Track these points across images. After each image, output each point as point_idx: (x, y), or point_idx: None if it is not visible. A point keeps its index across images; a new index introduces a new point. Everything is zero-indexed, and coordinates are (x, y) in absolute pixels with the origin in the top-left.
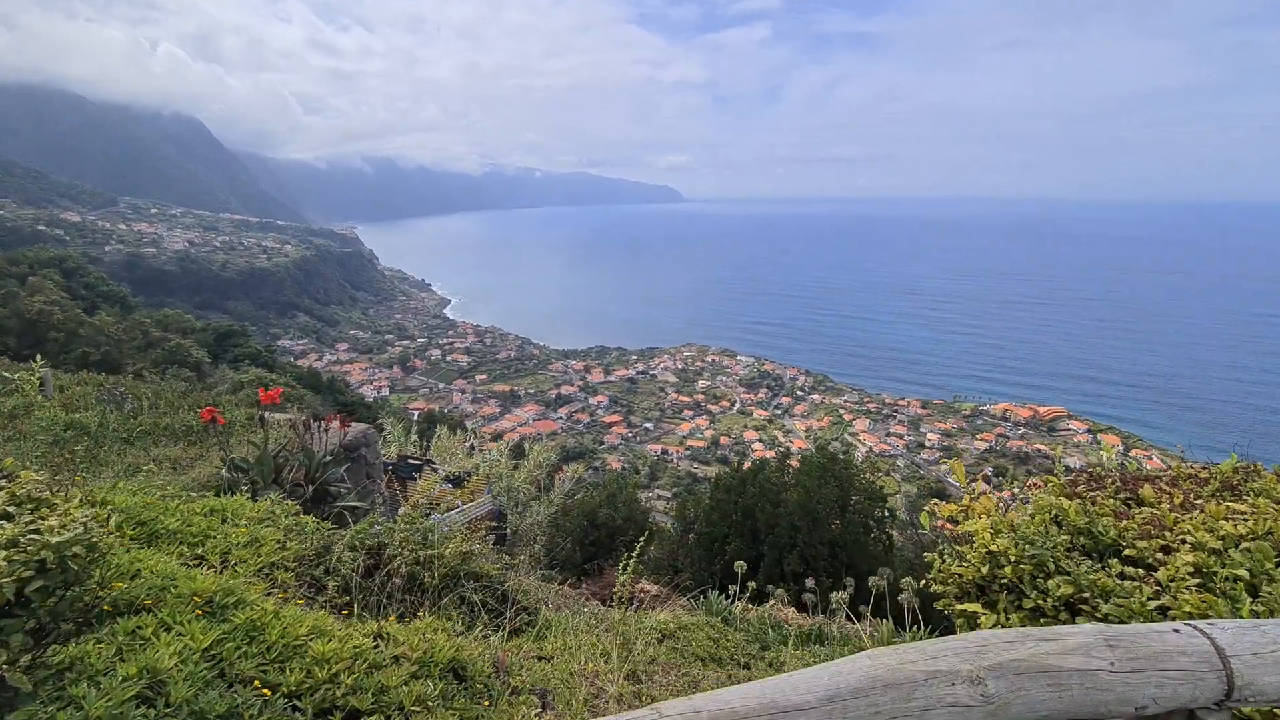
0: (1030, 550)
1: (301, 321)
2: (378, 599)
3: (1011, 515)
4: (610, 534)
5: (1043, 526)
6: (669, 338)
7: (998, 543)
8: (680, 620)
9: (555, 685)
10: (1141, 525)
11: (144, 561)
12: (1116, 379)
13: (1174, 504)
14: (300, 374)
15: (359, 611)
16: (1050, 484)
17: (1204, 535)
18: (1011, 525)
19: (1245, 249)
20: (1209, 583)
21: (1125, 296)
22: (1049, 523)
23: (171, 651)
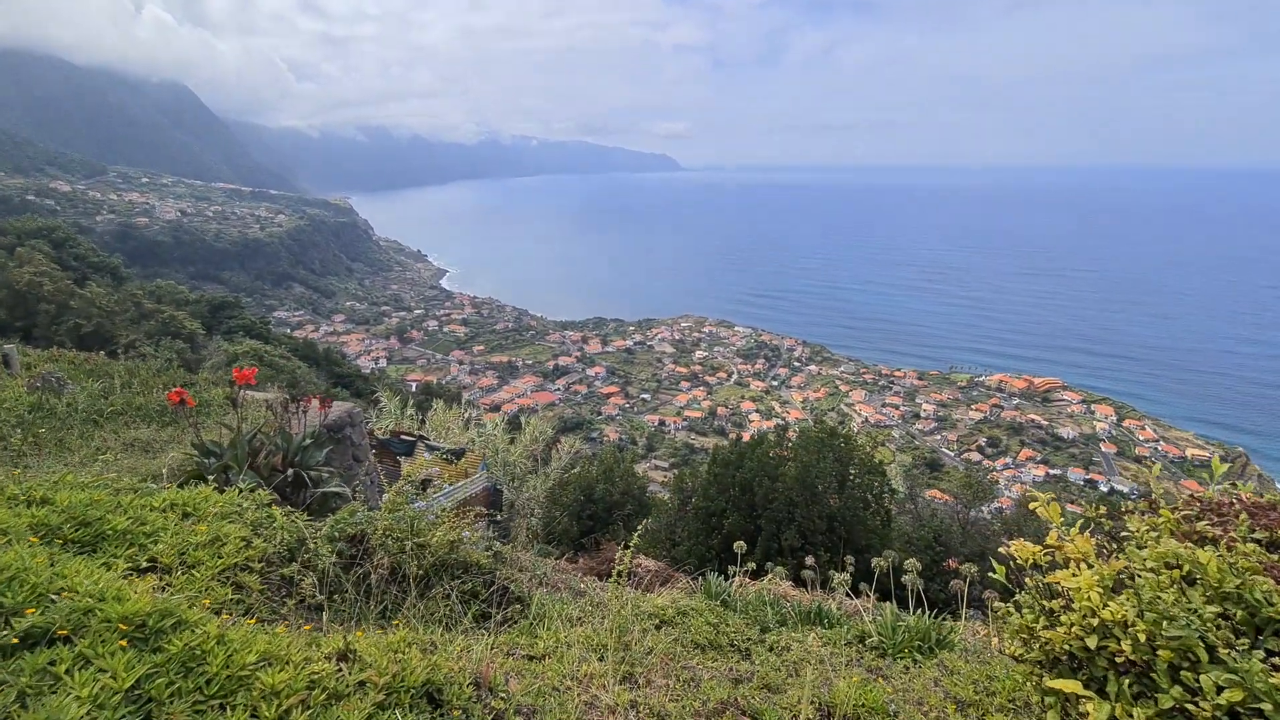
0: (1171, 630)
1: (297, 293)
2: (357, 596)
3: (1118, 563)
4: (607, 508)
5: (1175, 589)
6: (666, 308)
7: (1112, 608)
8: (679, 604)
9: (545, 694)
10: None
11: (71, 576)
12: (1112, 351)
13: None
14: (296, 346)
15: (335, 614)
16: (1164, 519)
17: None
18: (1128, 583)
19: (1251, 217)
20: None
21: (1123, 267)
22: (1180, 582)
23: (86, 695)
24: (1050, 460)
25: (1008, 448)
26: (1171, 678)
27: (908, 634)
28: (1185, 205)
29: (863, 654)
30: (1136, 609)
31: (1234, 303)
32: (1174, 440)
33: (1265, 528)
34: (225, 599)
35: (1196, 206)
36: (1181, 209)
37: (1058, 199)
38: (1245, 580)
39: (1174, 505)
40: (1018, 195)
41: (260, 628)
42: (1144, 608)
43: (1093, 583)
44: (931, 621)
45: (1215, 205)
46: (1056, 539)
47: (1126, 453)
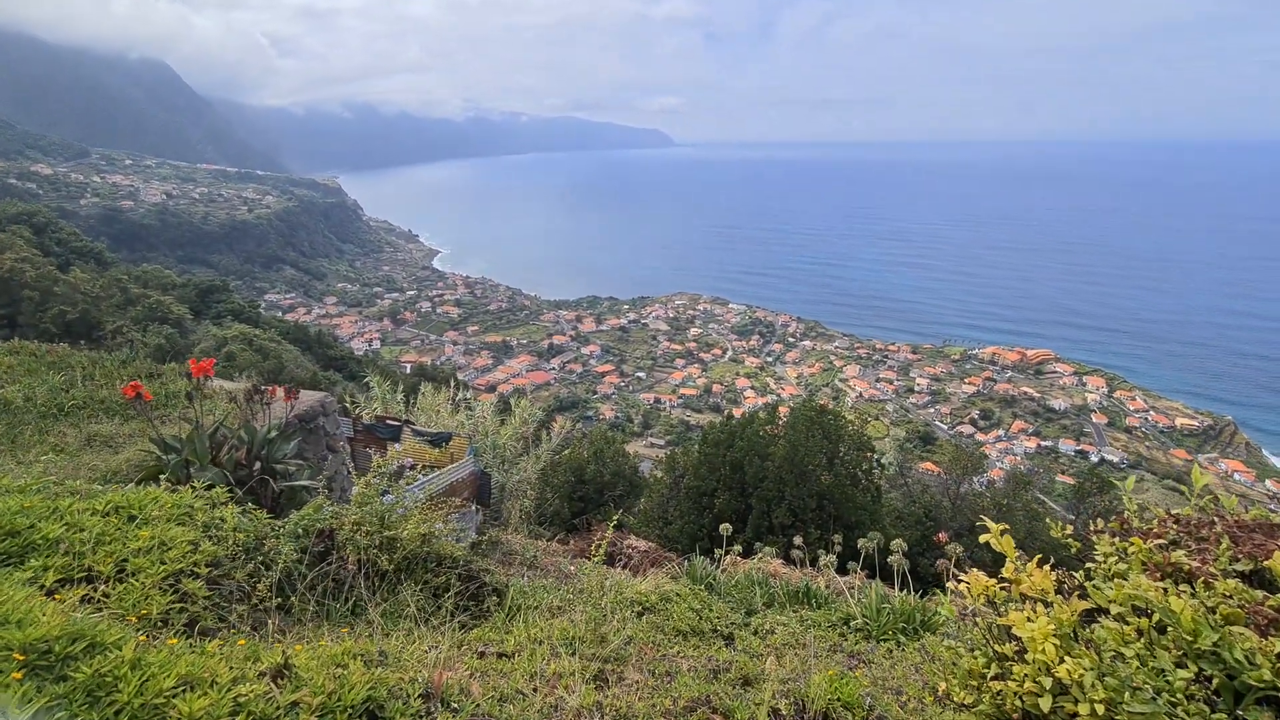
0: (1135, 704)
1: (288, 275)
2: (324, 595)
3: (1080, 604)
4: (598, 489)
5: (1141, 646)
6: (660, 286)
7: (1069, 666)
8: (663, 590)
9: (508, 699)
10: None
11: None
12: (1103, 323)
13: None
14: (287, 329)
15: (296, 617)
16: (1135, 548)
17: None
18: (1089, 640)
19: (1244, 188)
20: None
21: (1115, 240)
22: (1150, 632)
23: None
24: (1042, 432)
25: (1000, 420)
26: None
27: (892, 616)
28: (1177, 178)
29: (846, 636)
30: (1096, 670)
31: (1222, 274)
32: (1164, 410)
33: (1249, 555)
34: (166, 609)
35: (1189, 179)
36: (1173, 182)
37: (1051, 173)
38: (1224, 635)
39: (1148, 527)
40: (1012, 170)
41: (188, 646)
42: (1104, 670)
43: (1048, 632)
44: (916, 602)
45: (1207, 177)
46: (1013, 572)
47: (1117, 424)
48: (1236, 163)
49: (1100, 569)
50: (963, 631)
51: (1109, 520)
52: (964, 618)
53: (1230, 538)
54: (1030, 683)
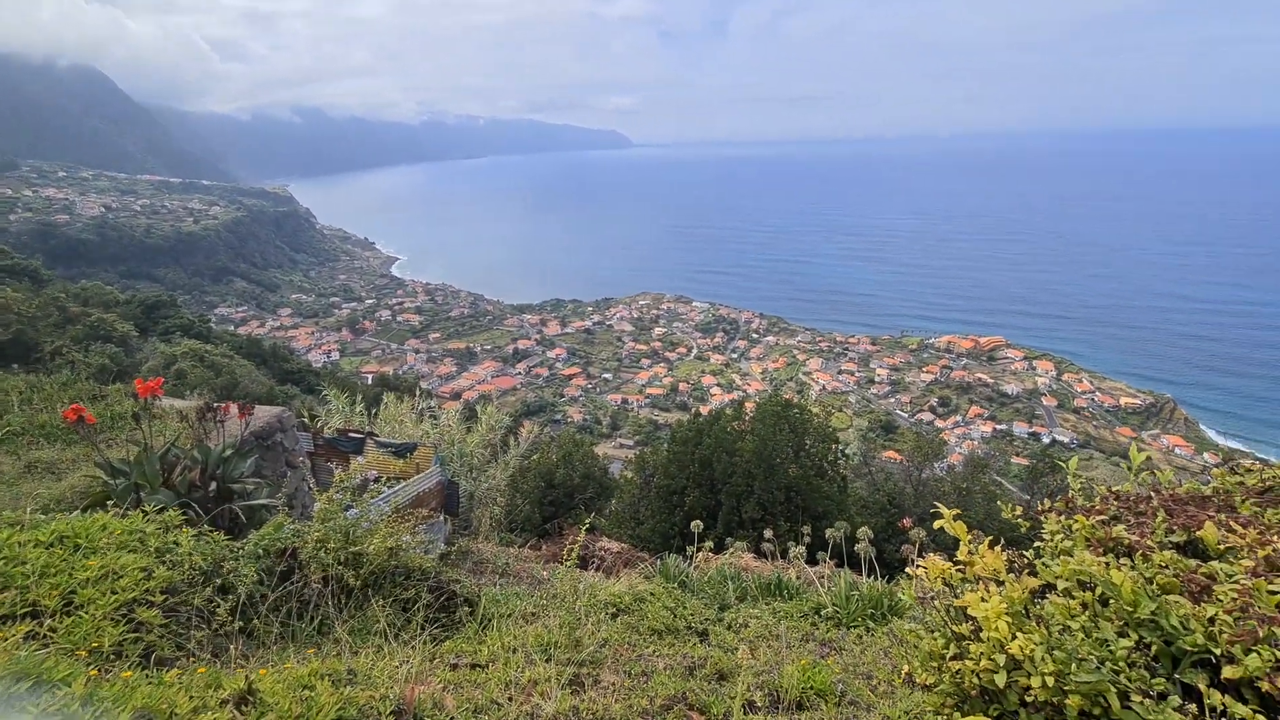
0: (1080, 674)
1: (239, 287)
2: (288, 615)
3: (1031, 581)
4: (569, 493)
5: (1086, 618)
6: (624, 287)
7: (1020, 642)
8: (636, 590)
9: (483, 709)
10: (1235, 617)
11: None
12: (1051, 310)
13: (1254, 555)
14: (240, 343)
15: (258, 641)
16: (1078, 525)
17: None
18: (1039, 615)
19: (1178, 175)
20: None
21: (1060, 228)
22: (1094, 605)
23: None
24: (997, 416)
25: (958, 406)
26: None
27: (861, 603)
28: (1121, 166)
29: (818, 625)
30: (1045, 645)
31: (1160, 259)
32: (1109, 391)
33: (1183, 527)
34: (119, 640)
35: (1132, 167)
36: (1117, 169)
37: (1003, 166)
38: (1161, 603)
39: (1091, 505)
40: (966, 164)
41: (144, 677)
42: (1052, 644)
43: (1000, 611)
44: (883, 588)
45: (1148, 165)
46: (966, 554)
47: (1066, 405)
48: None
49: (1048, 547)
50: (924, 614)
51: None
52: (923, 601)
53: (1166, 511)
54: (986, 660)
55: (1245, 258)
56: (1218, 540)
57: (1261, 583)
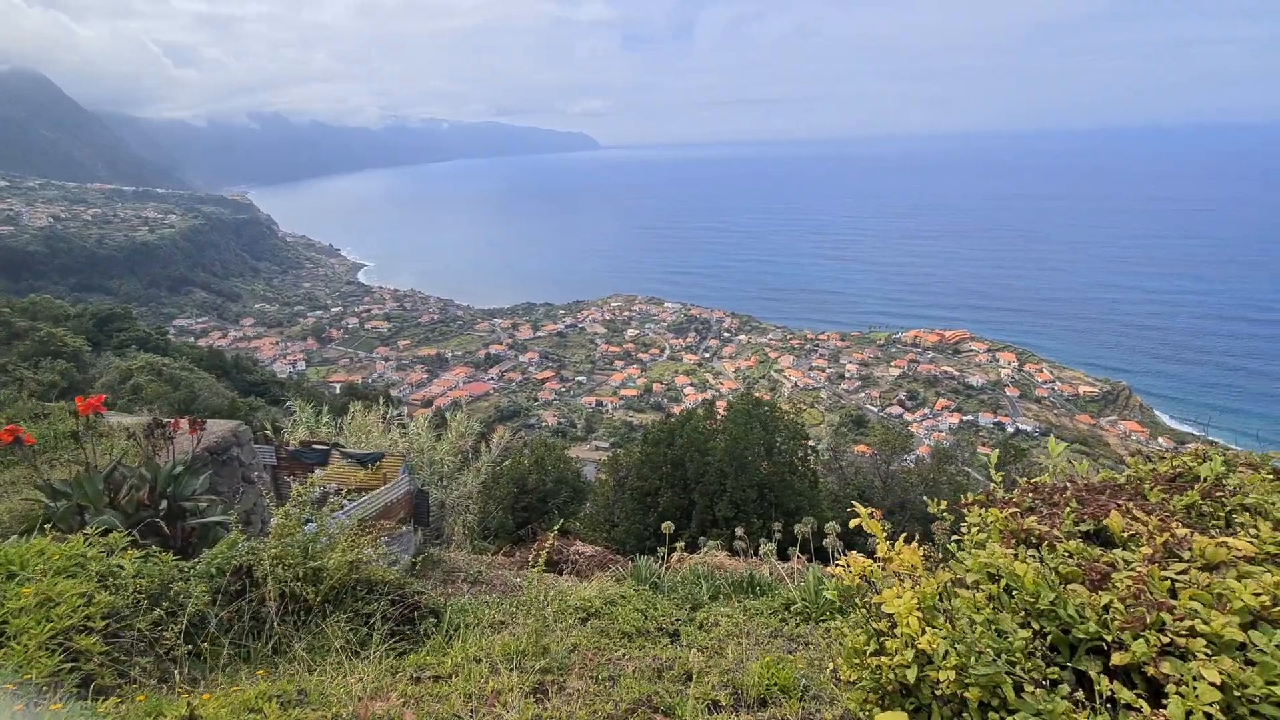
0: (978, 666)
1: (198, 298)
2: (242, 636)
3: (944, 575)
4: (542, 498)
5: (990, 611)
6: (595, 289)
7: (928, 638)
8: (607, 593)
9: None
10: (1127, 604)
11: None
12: (1012, 303)
13: (1154, 542)
14: (200, 355)
15: (207, 664)
16: (993, 518)
17: (1217, 619)
18: (947, 610)
19: (1133, 173)
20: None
21: (1020, 224)
22: (1000, 595)
23: None
24: (963, 407)
25: (925, 399)
26: (982, 716)
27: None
28: (1078, 165)
29: (787, 621)
30: (949, 638)
31: (1114, 252)
32: (1068, 380)
33: (1092, 516)
34: (55, 670)
35: (1089, 165)
36: (1074, 168)
37: (964, 165)
38: (1060, 593)
39: (1009, 497)
40: (929, 163)
41: (79, 708)
42: (954, 637)
43: (911, 607)
44: None
45: (1105, 163)
46: (885, 551)
47: (1028, 395)
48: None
49: (966, 540)
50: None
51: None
52: (846, 598)
53: (1078, 501)
54: (899, 656)
55: (1194, 251)
56: (1122, 528)
57: (1155, 569)
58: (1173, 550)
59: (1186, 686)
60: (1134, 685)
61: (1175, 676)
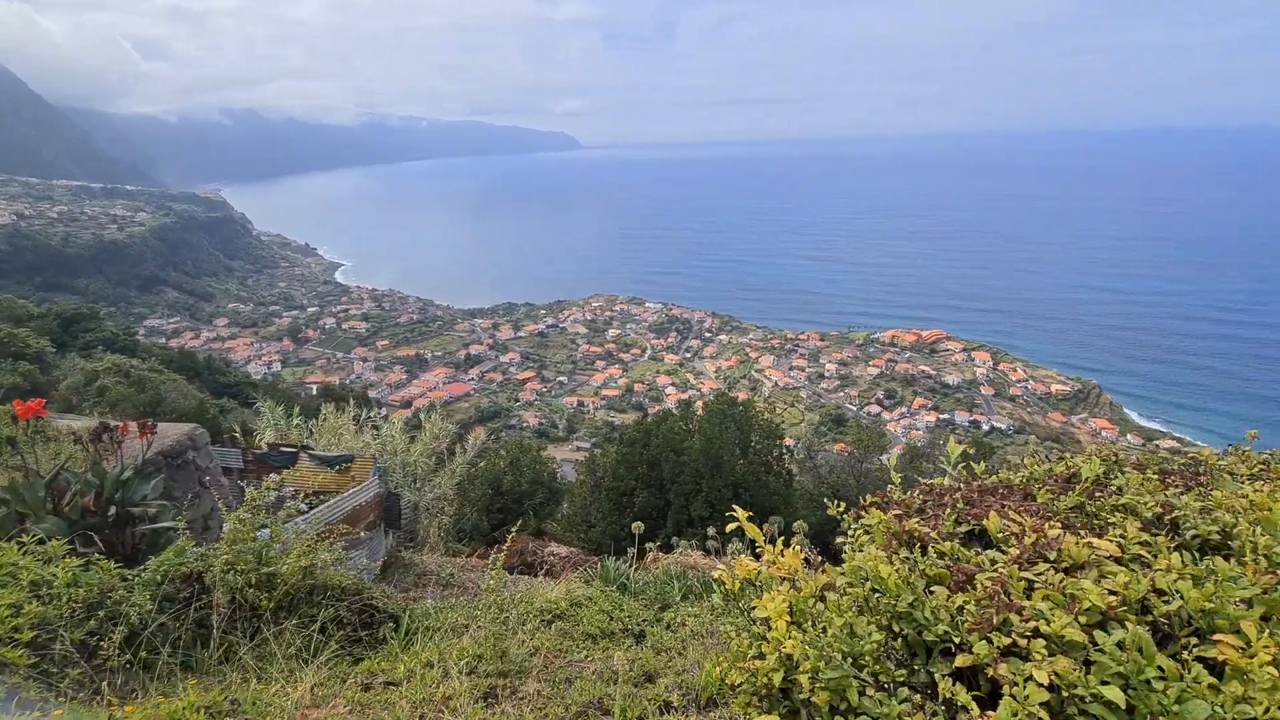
0: (827, 670)
1: (170, 298)
2: (188, 645)
3: (823, 578)
4: (517, 499)
5: (852, 614)
6: (577, 289)
7: (793, 642)
8: (574, 595)
9: None
10: (980, 605)
11: None
12: (987, 303)
13: (1023, 543)
14: (170, 356)
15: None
16: (876, 520)
17: (1061, 619)
18: (811, 613)
19: (1104, 175)
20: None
21: (996, 225)
22: (866, 598)
23: None
24: (940, 406)
25: (903, 398)
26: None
27: None
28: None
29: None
30: (809, 642)
31: (1089, 253)
32: (1041, 379)
33: (974, 517)
34: None
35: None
36: (1047, 170)
37: (941, 167)
38: (919, 596)
39: (904, 499)
40: (908, 165)
41: None
42: (809, 640)
43: (781, 610)
44: None
45: (1077, 165)
46: (772, 555)
47: (1003, 393)
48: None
49: (851, 543)
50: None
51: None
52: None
53: (966, 502)
54: (772, 659)
55: (1163, 252)
56: (999, 529)
57: (1015, 570)
58: (1041, 551)
59: (1018, 688)
60: (979, 687)
61: (1010, 678)
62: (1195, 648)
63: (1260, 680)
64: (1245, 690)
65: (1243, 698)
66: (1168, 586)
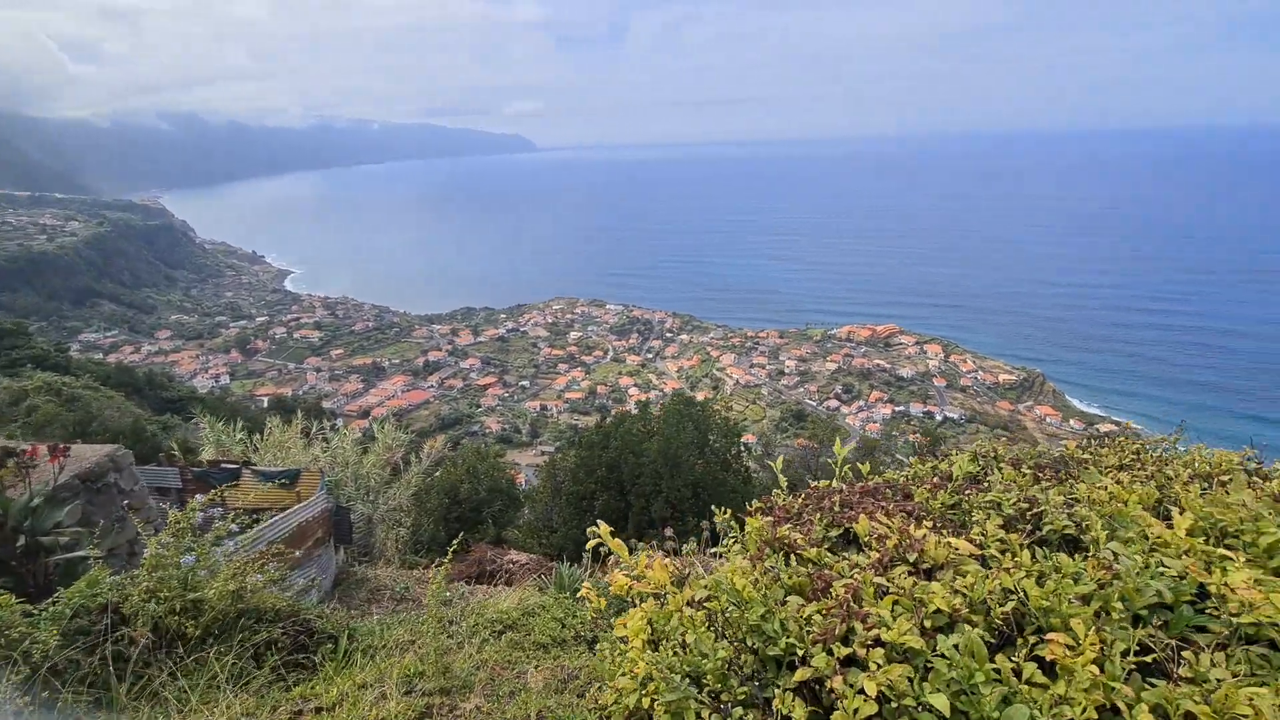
0: (664, 694)
1: (106, 310)
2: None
3: (689, 592)
4: (475, 507)
5: (704, 630)
6: (537, 292)
7: (644, 662)
8: (527, 604)
9: None
10: (827, 614)
11: None
12: (937, 298)
13: (885, 545)
14: (107, 372)
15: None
16: (751, 528)
17: (902, 625)
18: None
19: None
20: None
21: (947, 224)
22: (722, 612)
23: None
24: (895, 398)
25: (860, 392)
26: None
27: None
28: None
29: None
30: (655, 662)
31: (1033, 249)
32: (989, 369)
33: (849, 520)
34: None
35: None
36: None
37: (892, 166)
38: (770, 607)
39: (785, 503)
40: (859, 166)
41: None
42: (652, 660)
43: (639, 628)
44: None
45: (1027, 164)
46: (643, 568)
47: (954, 384)
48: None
49: (726, 551)
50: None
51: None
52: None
53: (845, 504)
54: (625, 680)
55: (1099, 246)
56: (868, 532)
57: (869, 575)
58: (902, 553)
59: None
60: (822, 701)
61: (843, 691)
62: (1035, 647)
63: (1080, 680)
64: (1066, 690)
65: (1063, 698)
66: (1014, 585)
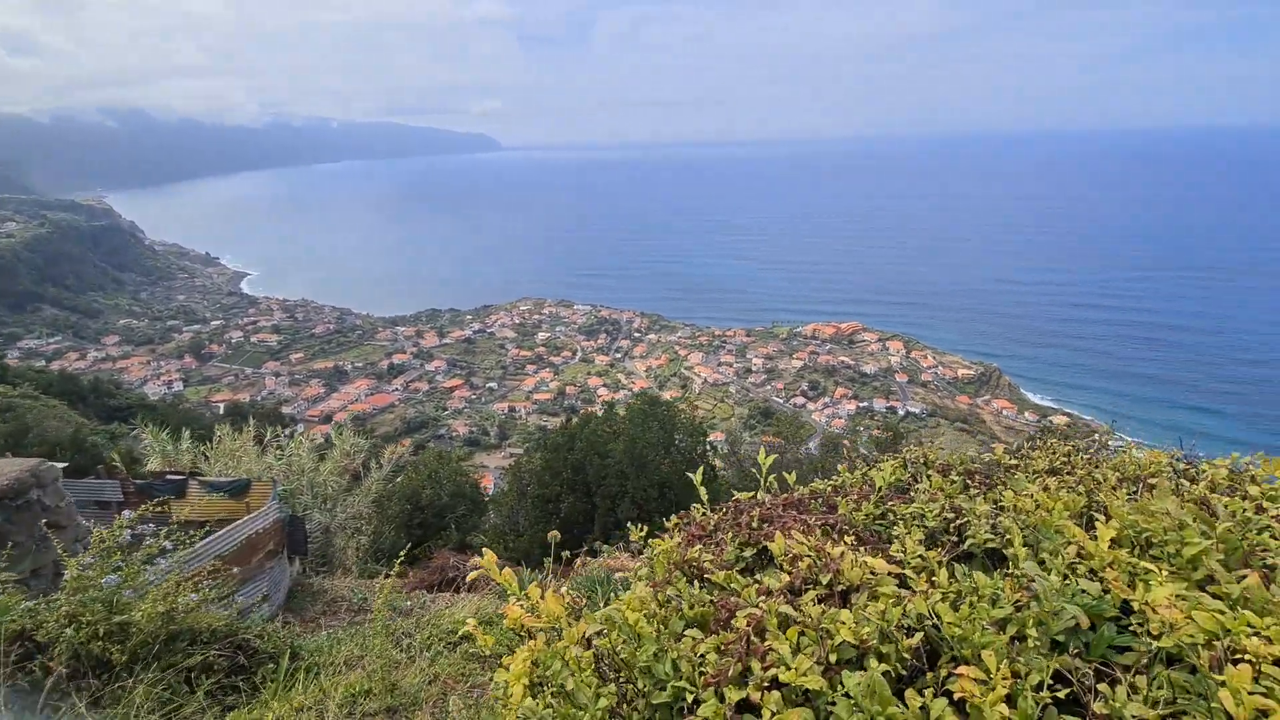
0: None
1: (48, 315)
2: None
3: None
4: (438, 512)
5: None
6: (503, 293)
7: (528, 708)
8: (486, 612)
9: None
10: (724, 651)
11: None
12: (899, 296)
13: (798, 565)
14: (48, 380)
15: None
16: (659, 549)
17: (802, 664)
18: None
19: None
20: None
21: (905, 224)
22: (611, 651)
23: None
24: (859, 394)
25: (825, 388)
26: None
27: None
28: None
29: None
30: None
31: (987, 247)
32: (949, 364)
33: (765, 537)
34: None
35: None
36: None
37: (852, 168)
38: (665, 645)
39: (705, 519)
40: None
41: None
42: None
43: (521, 672)
44: None
45: (989, 165)
46: (531, 601)
47: (915, 380)
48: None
49: (633, 578)
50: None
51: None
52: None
53: (764, 519)
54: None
55: (1052, 245)
56: (783, 552)
57: (774, 603)
58: (815, 574)
59: None
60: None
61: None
62: (946, 681)
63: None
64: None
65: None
66: (928, 610)
